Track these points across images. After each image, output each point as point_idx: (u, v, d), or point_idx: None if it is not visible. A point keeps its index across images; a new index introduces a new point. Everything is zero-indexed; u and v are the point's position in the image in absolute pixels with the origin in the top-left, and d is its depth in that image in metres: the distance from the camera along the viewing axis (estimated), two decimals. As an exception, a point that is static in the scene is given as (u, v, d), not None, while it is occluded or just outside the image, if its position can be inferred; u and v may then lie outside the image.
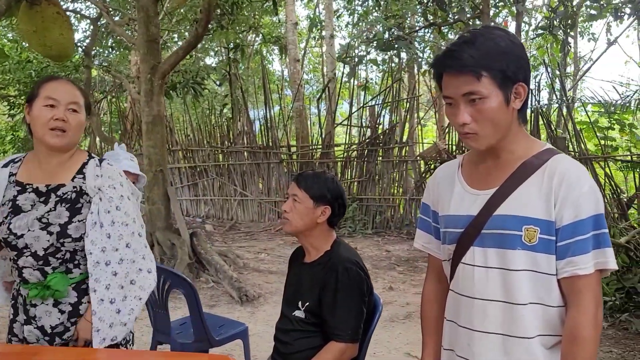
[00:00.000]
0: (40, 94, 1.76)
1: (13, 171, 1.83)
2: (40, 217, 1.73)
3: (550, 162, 1.37)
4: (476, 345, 1.42)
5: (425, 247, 1.66)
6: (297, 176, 2.14)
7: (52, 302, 1.76)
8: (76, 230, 1.75)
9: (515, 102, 1.35)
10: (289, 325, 2.08)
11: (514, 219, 1.35)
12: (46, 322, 1.75)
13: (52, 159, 1.80)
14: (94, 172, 1.82)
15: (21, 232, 1.72)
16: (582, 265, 1.30)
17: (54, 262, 1.75)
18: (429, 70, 1.67)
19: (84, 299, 1.79)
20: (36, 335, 1.77)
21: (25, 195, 1.77)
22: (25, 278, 1.76)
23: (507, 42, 1.34)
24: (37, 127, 1.75)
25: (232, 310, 5.00)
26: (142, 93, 6.05)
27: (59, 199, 1.76)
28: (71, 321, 1.77)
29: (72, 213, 1.76)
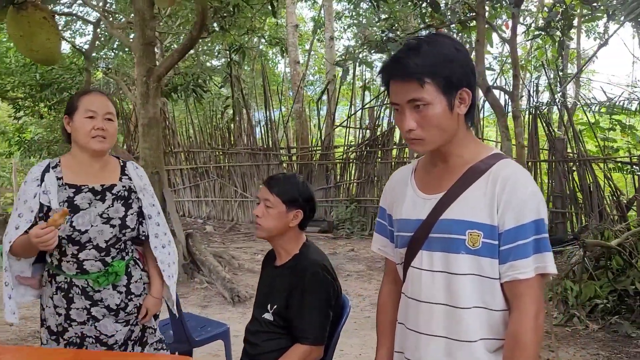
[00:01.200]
0: (80, 107, 2.01)
1: (58, 175, 2.03)
2: (101, 213, 2.00)
3: (495, 167, 1.39)
4: (422, 347, 1.43)
5: (381, 250, 1.68)
6: (267, 180, 2.14)
7: (111, 286, 2.05)
8: (131, 221, 2.07)
9: (460, 107, 1.37)
10: (258, 327, 2.10)
11: (459, 223, 1.37)
12: (111, 302, 2.05)
13: (95, 163, 2.06)
14: (136, 173, 2.16)
15: (85, 228, 1.97)
16: (522, 270, 1.32)
17: (113, 252, 2.03)
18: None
19: (132, 280, 2.11)
20: (103, 312, 2.04)
21: (82, 195, 2.01)
22: (86, 269, 2.00)
23: (451, 50, 1.36)
24: (80, 135, 2.00)
25: (223, 310, 5.04)
26: (138, 96, 6.11)
27: (114, 197, 2.05)
28: (128, 298, 2.09)
29: (126, 208, 2.07)
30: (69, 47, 11.28)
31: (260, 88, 13.35)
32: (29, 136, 15.64)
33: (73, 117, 2.02)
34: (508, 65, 11.36)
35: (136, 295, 2.14)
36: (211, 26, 8.16)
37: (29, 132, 16.23)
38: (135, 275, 2.14)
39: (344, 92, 12.85)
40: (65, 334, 2.05)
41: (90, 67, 7.59)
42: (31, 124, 15.89)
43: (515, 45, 6.34)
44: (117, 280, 2.05)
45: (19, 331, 4.32)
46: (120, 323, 2.09)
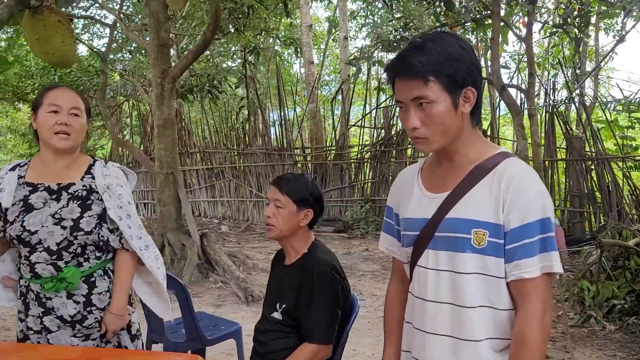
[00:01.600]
0: (44, 101, 1.90)
1: (21, 174, 1.95)
2: (53, 213, 1.86)
3: (501, 165, 1.38)
4: (428, 347, 1.43)
5: (388, 249, 1.68)
6: (277, 180, 2.14)
7: (66, 294, 1.88)
8: (87, 224, 1.88)
9: (465, 106, 1.37)
10: (267, 326, 2.12)
11: (464, 222, 1.36)
12: (64, 312, 1.88)
13: (59, 161, 1.92)
14: (102, 172, 1.97)
15: (35, 229, 1.84)
16: (527, 269, 1.31)
17: (66, 257, 1.86)
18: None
19: (94, 291, 1.92)
20: (57, 324, 1.89)
21: (37, 194, 1.90)
22: (38, 273, 1.86)
23: (457, 48, 1.35)
24: (43, 131, 1.89)
25: (237, 310, 5.06)
26: (153, 97, 6.18)
27: (70, 196, 1.89)
28: (87, 310, 1.91)
29: (83, 209, 1.89)
30: (87, 49, 11.45)
31: (275, 88, 13.39)
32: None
33: (37, 113, 1.91)
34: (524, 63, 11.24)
35: (99, 308, 1.94)
36: (226, 27, 8.21)
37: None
38: (101, 286, 1.94)
39: (358, 91, 12.83)
40: (26, 341, 1.95)
41: (107, 69, 7.68)
42: (51, 125, 16.12)
43: (531, 43, 6.27)
44: (70, 288, 1.87)
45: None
46: (78, 337, 1.92)
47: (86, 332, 1.93)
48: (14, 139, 18.83)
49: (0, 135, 18.60)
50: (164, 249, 6.09)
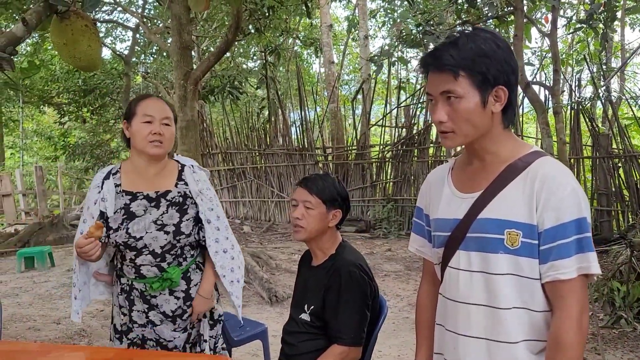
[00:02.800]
0: (138, 112, 2.03)
1: (116, 182, 2.07)
2: (155, 220, 2.00)
3: (534, 164, 1.35)
4: (461, 349, 1.41)
5: (419, 250, 1.66)
6: (304, 182, 2.12)
7: (168, 291, 2.05)
8: (186, 227, 2.04)
9: (495, 105, 1.34)
10: (295, 327, 2.10)
11: (496, 223, 1.34)
12: (167, 308, 2.05)
13: (151, 168, 2.07)
14: (193, 177, 2.12)
15: (140, 235, 1.98)
16: (564, 270, 1.28)
17: (169, 258, 2.03)
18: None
19: (191, 284, 2.09)
20: (160, 318, 2.06)
21: (137, 202, 2.02)
22: (143, 274, 2.02)
23: (491, 45, 1.33)
24: (137, 140, 2.02)
25: (261, 310, 5.08)
26: (176, 99, 6.23)
27: (169, 203, 2.03)
28: (187, 304, 2.08)
29: (181, 214, 2.04)
30: (110, 52, 11.62)
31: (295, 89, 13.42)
32: (73, 140, 16.20)
33: (131, 122, 2.03)
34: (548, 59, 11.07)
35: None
36: (246, 28, 8.25)
37: (73, 137, 16.81)
38: (195, 279, 2.12)
39: (379, 91, 12.78)
40: (130, 334, 2.10)
41: (130, 71, 7.78)
42: (75, 128, 16.45)
43: (555, 39, 6.17)
44: (173, 285, 2.04)
45: (66, 329, 4.46)
46: (178, 331, 2.09)
47: (184, 325, 2.10)
48: (40, 142, 19.22)
49: (26, 138, 18.98)
50: (188, 249, 6.13)
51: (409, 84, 11.75)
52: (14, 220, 11.98)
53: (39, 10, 3.24)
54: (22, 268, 7.11)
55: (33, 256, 7.25)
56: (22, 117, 16.87)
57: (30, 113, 18.06)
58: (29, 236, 8.86)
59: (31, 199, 14.93)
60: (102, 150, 14.68)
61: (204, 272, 2.14)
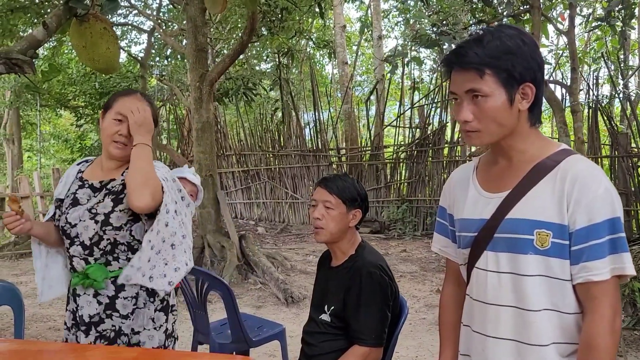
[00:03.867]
0: (113, 107, 1.94)
1: (82, 169, 2.04)
2: (90, 208, 1.88)
3: (564, 163, 1.32)
4: (490, 351, 1.39)
5: (442, 250, 1.64)
6: (324, 182, 2.10)
7: (93, 292, 1.86)
8: (117, 219, 1.85)
9: (522, 103, 1.32)
10: (315, 328, 2.09)
11: (526, 223, 1.31)
12: (85, 311, 1.86)
13: (112, 163, 1.98)
14: None
15: (74, 222, 1.88)
16: (596, 271, 1.25)
17: (96, 253, 1.86)
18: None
19: (120, 294, 1.86)
20: (78, 322, 1.89)
21: (84, 190, 1.96)
22: (74, 267, 1.89)
23: (516, 42, 1.31)
24: (103, 136, 1.95)
25: (277, 311, 5.08)
26: (192, 101, 6.26)
27: (107, 192, 1.92)
28: (106, 313, 1.85)
29: (115, 203, 1.88)
30: (125, 55, 11.71)
31: (308, 90, 13.43)
32: (89, 143, 16.36)
33: (105, 115, 1.95)
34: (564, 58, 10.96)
35: (120, 314, 1.86)
36: (259, 30, 8.27)
37: (89, 139, 16.97)
38: (129, 291, 1.86)
39: (392, 91, 12.73)
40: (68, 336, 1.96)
41: (146, 74, 7.83)
42: (91, 131, 16.60)
43: (573, 37, 6.10)
44: (95, 286, 1.83)
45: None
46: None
47: (94, 340, 1.86)
48: (57, 145, 19.44)
49: (44, 141, 19.21)
50: (204, 250, 6.17)
51: (423, 84, 11.71)
52: (31, 222, 12.10)
53: (58, 13, 3.27)
54: (41, 269, 7.17)
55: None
56: (39, 120, 17.08)
57: (47, 116, 18.27)
58: (47, 238, 8.94)
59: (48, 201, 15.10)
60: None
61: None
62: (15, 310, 2.37)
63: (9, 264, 7.95)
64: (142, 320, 1.88)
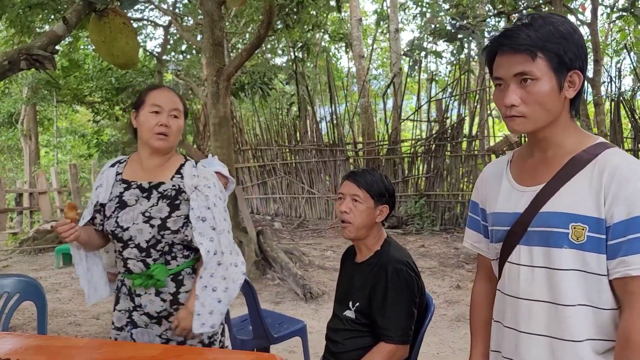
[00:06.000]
0: (147, 101, 1.95)
1: (119, 170, 2.02)
2: (143, 211, 1.90)
3: (601, 156, 1.30)
4: (523, 347, 1.36)
5: (474, 246, 1.62)
6: (352, 175, 2.08)
7: (154, 292, 1.92)
8: (174, 223, 1.90)
9: (569, 90, 1.30)
10: (339, 324, 2.07)
11: (561, 216, 1.29)
12: (151, 309, 1.92)
13: (154, 160, 1.98)
14: (191, 172, 1.99)
15: (127, 225, 1.90)
16: (635, 266, 1.22)
17: (154, 254, 1.90)
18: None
19: (181, 289, 1.94)
20: (144, 320, 1.93)
21: (131, 191, 1.95)
22: (130, 269, 1.92)
23: (568, 28, 1.29)
24: (143, 131, 1.94)
25: (296, 307, 5.06)
26: (209, 95, 6.25)
27: (160, 195, 1.93)
28: (173, 307, 1.93)
29: (171, 208, 1.92)
30: (141, 51, 11.76)
31: (324, 84, 13.38)
32: (105, 138, 16.49)
33: (139, 112, 1.96)
34: (585, 50, 10.75)
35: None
36: (275, 24, 8.24)
37: (106, 135, 17.12)
38: (188, 284, 1.96)
39: (409, 85, 12.64)
40: (117, 335, 1.99)
41: (163, 69, 7.85)
42: (107, 126, 16.74)
43: (596, 28, 5.98)
44: (158, 285, 1.90)
45: (105, 324, 4.53)
46: (162, 339, 1.94)
47: (165, 331, 1.94)
48: (73, 140, 19.64)
49: (60, 137, 19.41)
50: (222, 245, 6.16)
51: (440, 77, 11.59)
52: (50, 217, 12.28)
53: (78, 8, 3.27)
54: (61, 264, 7.26)
55: (70, 252, 7.38)
56: (56, 115, 17.24)
57: (63, 112, 18.44)
58: (65, 233, 9.03)
59: (66, 197, 15.27)
60: (134, 147, 14.87)
61: (195, 283, 1.92)
62: (39, 306, 2.37)
63: (28, 258, 8.06)
64: None
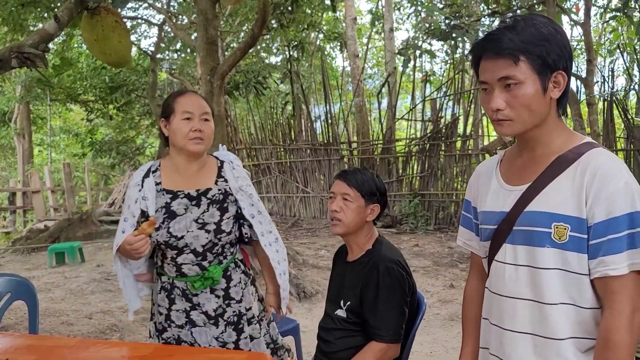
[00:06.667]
0: (177, 109, 1.98)
1: (157, 180, 2.04)
2: (196, 219, 1.97)
3: (585, 156, 1.31)
4: (507, 344, 1.38)
5: (466, 244, 1.64)
6: (343, 174, 2.09)
7: (209, 289, 2.02)
8: (227, 225, 2.00)
9: (554, 91, 1.31)
10: (331, 324, 2.07)
11: (544, 216, 1.30)
12: (209, 307, 2.01)
13: (191, 165, 2.02)
14: (233, 174, 2.06)
15: (181, 234, 1.96)
16: (614, 266, 1.23)
17: (210, 257, 2.00)
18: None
19: (230, 284, 2.05)
20: (203, 319, 2.02)
21: (178, 200, 1.99)
22: (184, 272, 2.00)
23: (550, 29, 1.29)
24: (178, 138, 1.97)
25: (290, 306, 5.05)
26: (203, 94, 6.23)
27: (209, 201, 2.00)
28: (226, 303, 2.03)
29: (222, 212, 2.00)
30: (135, 49, 11.71)
31: (318, 83, 13.38)
32: (99, 137, 16.45)
33: (170, 120, 1.98)
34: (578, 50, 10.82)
35: (236, 301, 2.06)
36: (270, 23, 8.23)
37: (99, 134, 17.07)
38: (235, 278, 2.06)
39: (403, 84, 12.66)
40: (164, 333, 2.06)
41: (157, 68, 7.83)
42: (101, 125, 16.69)
43: (589, 28, 6.01)
44: (214, 284, 2.01)
45: (98, 324, 4.51)
46: (219, 341, 2.03)
47: (225, 332, 2.03)
48: (67, 139, 19.58)
49: (54, 136, 19.34)
50: (216, 244, 6.15)
51: (435, 76, 11.62)
52: (43, 217, 12.23)
53: (70, 6, 3.25)
54: (54, 263, 7.23)
55: (64, 252, 7.36)
56: (49, 114, 17.17)
57: (57, 110, 18.37)
58: (59, 232, 9.01)
59: (59, 196, 15.21)
60: (128, 146, 14.87)
61: (263, 271, 2.17)
62: (30, 306, 2.36)
63: (21, 258, 8.02)
64: (248, 298, 2.09)
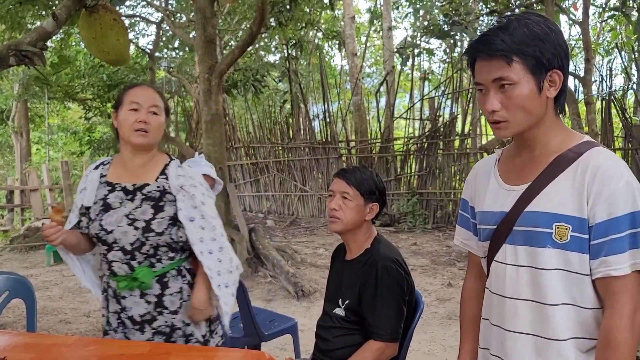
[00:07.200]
0: (125, 100, 1.93)
1: (103, 172, 1.99)
2: (127, 214, 1.88)
3: (585, 155, 1.30)
4: (509, 345, 1.37)
5: (464, 243, 1.63)
6: (342, 173, 2.09)
7: (139, 293, 1.90)
8: (159, 225, 1.88)
9: (550, 90, 1.30)
10: (329, 322, 2.08)
11: (545, 216, 1.29)
12: (135, 311, 1.91)
13: (136, 159, 1.95)
14: (176, 172, 1.96)
15: (111, 228, 1.88)
16: (616, 266, 1.23)
17: (139, 257, 1.89)
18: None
19: (166, 291, 1.92)
20: (129, 323, 1.92)
21: (115, 193, 1.93)
22: (115, 271, 1.91)
23: (543, 28, 1.28)
24: (123, 129, 1.91)
25: (288, 305, 5.06)
26: (201, 93, 6.23)
27: (144, 197, 1.91)
28: (157, 311, 1.91)
29: (155, 210, 1.89)
30: (133, 47, 11.69)
31: (317, 82, 13.37)
32: (97, 135, 16.42)
33: (119, 111, 1.94)
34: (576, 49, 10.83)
35: (170, 311, 1.93)
36: (268, 21, 8.21)
37: (98, 132, 17.03)
38: (173, 287, 1.93)
39: (401, 83, 12.65)
40: (106, 336, 1.99)
41: (155, 66, 7.81)
42: (99, 123, 16.66)
43: (587, 27, 6.01)
44: (143, 287, 1.89)
45: (96, 322, 4.51)
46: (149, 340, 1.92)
47: (152, 336, 1.92)
48: (65, 137, 19.52)
49: (52, 134, 19.29)
50: (214, 243, 6.15)
51: (433, 75, 11.62)
52: (41, 215, 12.20)
53: (68, 4, 3.24)
54: (51, 262, 7.22)
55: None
56: (47, 112, 17.12)
57: (55, 109, 18.32)
58: (56, 230, 8.97)
59: (57, 194, 15.18)
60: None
61: (196, 280, 1.96)
62: (28, 304, 2.36)
63: (19, 256, 8.01)
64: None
